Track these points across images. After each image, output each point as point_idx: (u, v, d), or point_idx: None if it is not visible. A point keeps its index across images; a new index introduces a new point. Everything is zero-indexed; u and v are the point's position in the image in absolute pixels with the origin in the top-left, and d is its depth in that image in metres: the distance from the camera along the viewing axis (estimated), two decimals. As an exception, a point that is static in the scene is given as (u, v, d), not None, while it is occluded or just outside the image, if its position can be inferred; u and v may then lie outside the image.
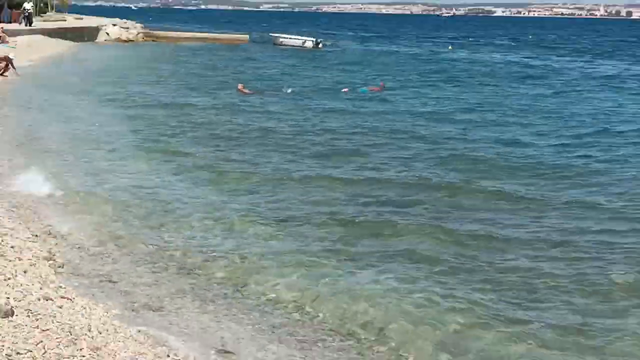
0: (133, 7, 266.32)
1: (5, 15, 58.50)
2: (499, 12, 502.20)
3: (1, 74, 31.12)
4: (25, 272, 9.31)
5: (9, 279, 8.70)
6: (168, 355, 7.75)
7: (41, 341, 6.95)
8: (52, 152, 18.71)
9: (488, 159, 19.50)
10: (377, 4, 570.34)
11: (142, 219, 13.31)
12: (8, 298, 7.86)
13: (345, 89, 35.20)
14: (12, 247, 10.43)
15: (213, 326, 8.87)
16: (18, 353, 6.60)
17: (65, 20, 73.12)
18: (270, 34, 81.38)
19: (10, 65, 31.54)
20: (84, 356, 6.85)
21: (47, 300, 8.35)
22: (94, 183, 15.67)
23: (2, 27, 48.06)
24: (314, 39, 75.28)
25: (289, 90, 33.46)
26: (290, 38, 77.70)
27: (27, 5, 59.34)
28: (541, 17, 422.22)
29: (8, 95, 27.46)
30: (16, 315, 7.41)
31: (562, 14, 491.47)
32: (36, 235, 11.51)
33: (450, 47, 79.08)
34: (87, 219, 12.92)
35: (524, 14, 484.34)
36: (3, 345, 6.66)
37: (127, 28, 72.16)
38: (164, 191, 15.37)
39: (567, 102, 32.76)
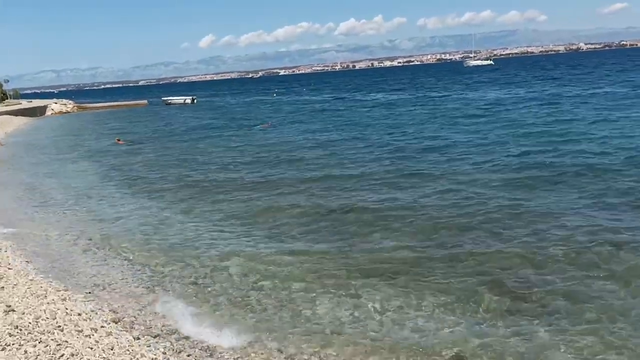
0: (55, 92, 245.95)
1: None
2: (281, 72, 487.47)
3: (-11, 144, 28.44)
4: (112, 348, 5.62)
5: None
6: None
7: None
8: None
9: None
10: (211, 74, 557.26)
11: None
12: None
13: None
14: (78, 314, 6.64)
15: None
16: None
17: (21, 104, 65.12)
18: (162, 98, 72.72)
19: (-5, 138, 28.99)
20: None
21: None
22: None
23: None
24: (192, 97, 68.87)
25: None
26: (175, 98, 69.47)
27: None
28: (305, 72, 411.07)
29: (3, 154, 25.89)
30: None
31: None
32: (89, 293, 7.68)
33: (274, 94, 75.92)
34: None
35: (300, 71, 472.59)
36: None
37: (65, 104, 65.07)
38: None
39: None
